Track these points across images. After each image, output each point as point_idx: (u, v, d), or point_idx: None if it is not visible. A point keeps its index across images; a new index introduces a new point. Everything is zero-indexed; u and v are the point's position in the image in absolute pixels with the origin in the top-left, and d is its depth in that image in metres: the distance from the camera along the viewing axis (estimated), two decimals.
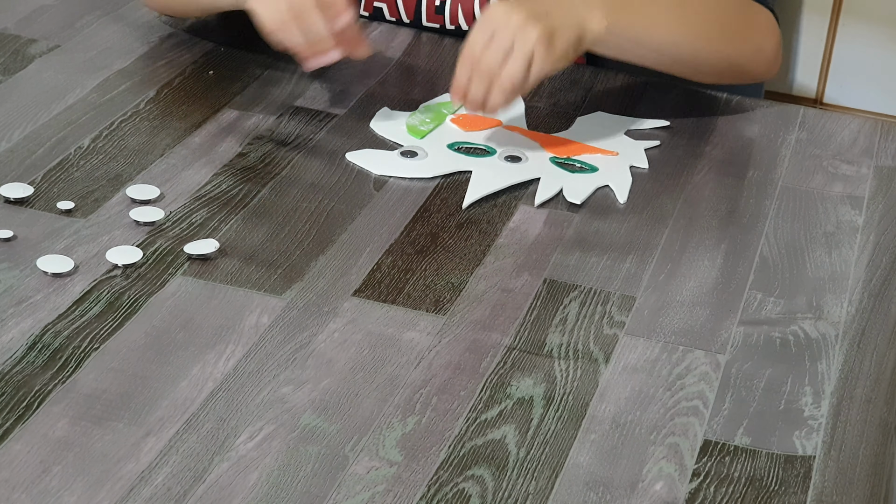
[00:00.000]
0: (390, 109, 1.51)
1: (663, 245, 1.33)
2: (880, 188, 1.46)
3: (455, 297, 1.23)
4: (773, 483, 1.05)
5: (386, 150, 1.43)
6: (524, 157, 1.44)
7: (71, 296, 1.18)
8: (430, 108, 1.51)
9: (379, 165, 1.41)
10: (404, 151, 1.43)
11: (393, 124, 1.48)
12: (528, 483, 1.03)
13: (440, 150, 1.44)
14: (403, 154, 1.42)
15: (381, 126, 1.48)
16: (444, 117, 1.49)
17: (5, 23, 1.66)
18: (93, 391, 1.08)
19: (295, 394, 1.09)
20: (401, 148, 1.44)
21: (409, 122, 1.48)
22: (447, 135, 1.47)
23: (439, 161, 1.42)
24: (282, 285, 1.22)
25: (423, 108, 1.51)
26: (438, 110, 1.50)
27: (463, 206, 1.35)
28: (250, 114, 1.50)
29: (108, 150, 1.41)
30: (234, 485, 1.00)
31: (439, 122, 1.47)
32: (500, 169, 1.42)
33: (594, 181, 1.41)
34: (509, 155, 1.44)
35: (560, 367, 1.15)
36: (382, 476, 1.02)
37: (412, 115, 1.49)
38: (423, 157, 1.41)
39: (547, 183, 1.40)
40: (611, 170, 1.44)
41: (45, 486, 0.98)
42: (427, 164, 1.41)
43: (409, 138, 1.46)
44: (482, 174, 1.40)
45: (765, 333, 1.22)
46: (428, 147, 1.44)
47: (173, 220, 1.30)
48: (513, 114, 1.52)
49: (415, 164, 1.41)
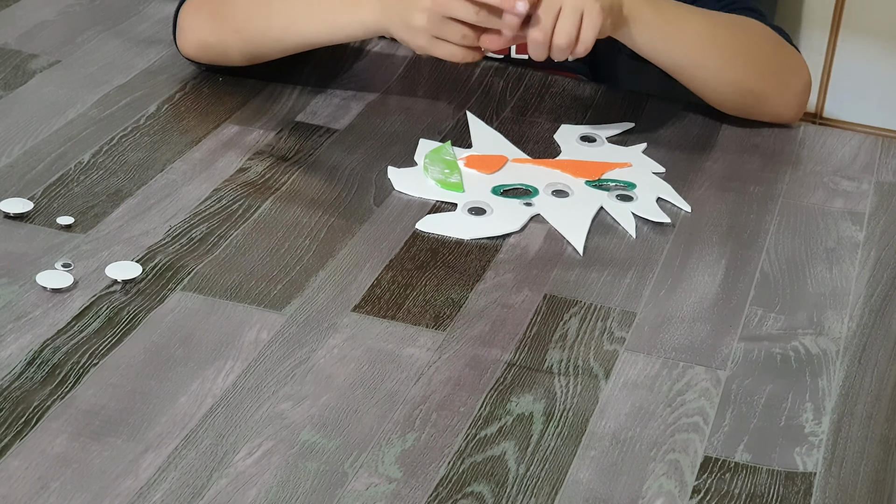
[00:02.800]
0: (395, 168, 1.45)
1: (664, 260, 1.33)
2: (881, 204, 1.46)
3: (455, 312, 1.23)
4: (774, 500, 1.05)
5: (450, 213, 1.38)
6: (569, 189, 1.43)
7: (70, 311, 1.18)
8: (435, 158, 1.46)
9: (457, 230, 1.35)
10: (471, 209, 1.38)
11: (417, 182, 1.42)
12: (528, 499, 1.02)
13: (494, 199, 1.40)
14: (471, 212, 1.38)
15: (409, 186, 1.42)
16: (455, 164, 1.46)
17: (6, 38, 1.66)
18: (92, 407, 1.07)
19: (294, 410, 1.09)
20: (458, 205, 1.39)
21: (435, 176, 1.42)
22: (479, 180, 1.44)
23: (509, 213, 1.38)
24: (281, 301, 1.22)
25: (430, 160, 1.45)
26: (442, 158, 1.46)
27: (581, 253, 1.33)
28: (251, 129, 1.50)
29: (109, 166, 1.41)
30: (233, 501, 1.00)
31: (456, 168, 1.45)
32: (565, 205, 1.40)
33: (654, 194, 1.43)
34: (555, 190, 1.43)
35: (560, 382, 1.15)
36: (381, 492, 1.02)
37: (430, 170, 1.44)
38: (491, 213, 1.38)
39: (612, 207, 1.40)
40: (645, 180, 1.45)
41: (43, 503, 0.98)
42: (503, 219, 1.37)
43: (446, 193, 1.41)
44: (560, 215, 1.38)
45: (765, 349, 1.22)
46: (479, 198, 1.40)
47: (173, 236, 1.30)
48: (502, 145, 1.51)
49: (492, 221, 1.36)
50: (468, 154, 1.48)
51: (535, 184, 1.43)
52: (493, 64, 1.68)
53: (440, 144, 1.49)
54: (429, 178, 1.43)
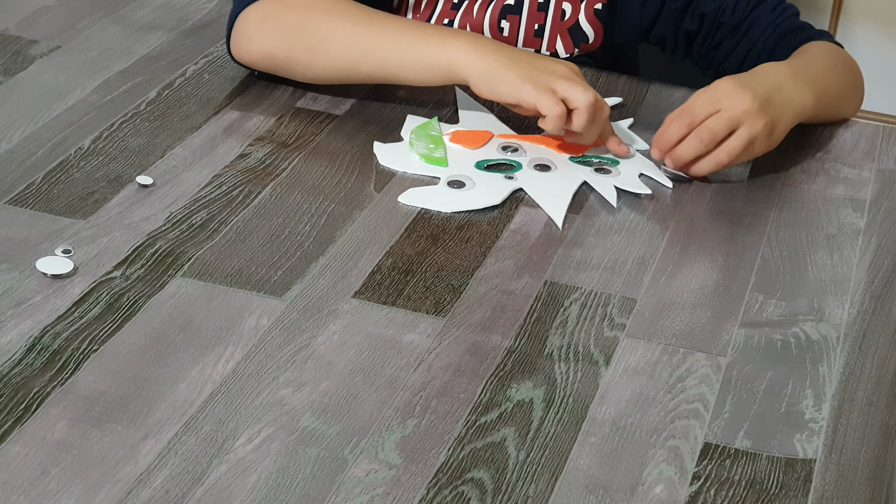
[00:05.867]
0: (382, 143, 1.45)
1: (664, 247, 1.33)
2: (882, 191, 1.46)
3: (455, 298, 1.23)
4: (774, 486, 1.05)
5: (429, 186, 1.39)
6: (552, 164, 1.43)
7: (70, 297, 1.18)
8: (421, 133, 1.46)
9: (438, 202, 1.36)
10: (451, 182, 1.39)
11: (402, 157, 1.43)
12: (528, 486, 1.02)
13: (476, 173, 1.41)
14: (451, 185, 1.38)
15: (393, 161, 1.42)
16: (441, 139, 1.46)
17: (6, 24, 1.66)
18: (92, 393, 1.07)
19: (294, 396, 1.09)
20: (440, 179, 1.40)
21: (420, 151, 1.43)
22: (463, 156, 1.44)
23: (490, 187, 1.39)
24: (282, 287, 1.22)
25: (416, 135, 1.46)
26: (428, 133, 1.47)
27: (560, 227, 1.34)
28: (251, 115, 1.50)
29: (109, 152, 1.41)
30: (233, 487, 1.00)
31: (441, 143, 1.45)
32: (547, 179, 1.41)
33: (637, 169, 1.43)
34: (538, 164, 1.43)
35: (560, 369, 1.15)
36: (381, 479, 1.02)
37: (415, 144, 1.44)
38: (472, 186, 1.38)
39: (594, 181, 1.41)
40: (627, 160, 1.46)
41: (43, 489, 0.98)
42: (484, 193, 1.38)
43: (429, 167, 1.42)
44: (542, 190, 1.39)
45: (766, 336, 1.21)
46: (462, 172, 1.41)
47: (174, 222, 1.30)
48: (489, 122, 1.51)
49: (472, 194, 1.37)
50: (454, 129, 1.48)
51: (518, 158, 1.44)
52: None
53: (427, 120, 1.49)
54: (413, 153, 1.43)
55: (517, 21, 1.65)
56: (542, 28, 1.65)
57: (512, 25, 1.66)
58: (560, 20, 1.65)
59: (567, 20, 1.65)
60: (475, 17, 1.66)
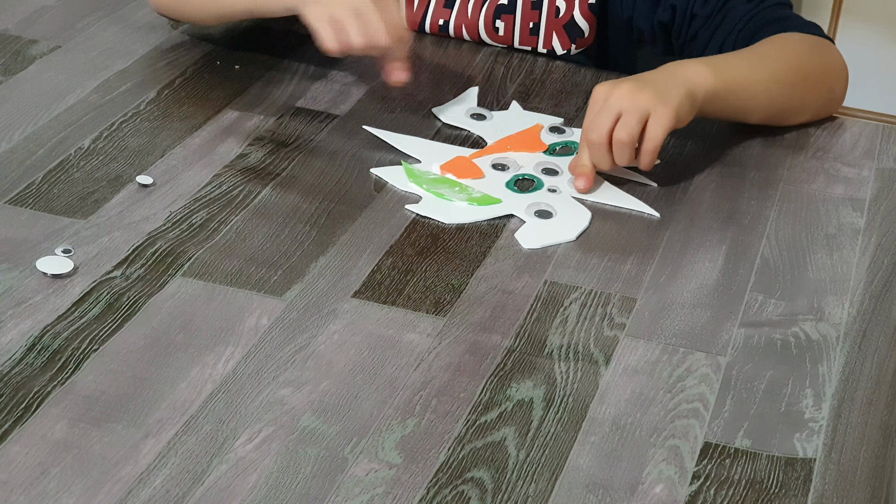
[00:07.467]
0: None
1: (664, 246, 1.33)
2: (882, 190, 1.46)
3: (455, 298, 1.23)
4: (774, 486, 1.05)
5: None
6: (552, 210, 1.38)
7: (70, 297, 1.18)
8: (424, 180, 1.40)
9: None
10: (538, 213, 1.36)
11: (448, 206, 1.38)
12: (528, 485, 1.03)
13: (536, 197, 1.39)
14: (538, 215, 1.36)
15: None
16: (447, 178, 1.40)
17: (6, 23, 1.66)
18: (92, 393, 1.08)
19: (294, 395, 1.09)
20: (516, 213, 1.36)
21: (460, 198, 1.37)
22: (493, 181, 1.41)
23: (565, 208, 1.38)
24: (282, 286, 1.22)
25: (428, 186, 1.39)
26: (429, 178, 1.40)
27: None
28: (251, 114, 1.50)
29: (109, 151, 1.41)
30: (233, 487, 1.00)
31: (456, 182, 1.40)
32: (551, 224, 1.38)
33: None
34: (545, 168, 1.43)
35: (560, 368, 1.15)
36: (381, 478, 1.02)
37: (446, 194, 1.37)
38: (555, 214, 1.36)
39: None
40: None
41: (43, 489, 0.98)
42: (568, 219, 1.36)
43: (484, 209, 1.36)
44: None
45: (766, 335, 1.22)
46: (527, 200, 1.38)
47: (173, 221, 1.30)
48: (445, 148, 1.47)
49: (557, 223, 1.35)
50: (438, 165, 1.43)
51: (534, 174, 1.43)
52: (494, 50, 1.68)
53: (401, 166, 1.42)
54: (456, 202, 1.37)
55: (512, 20, 1.65)
56: (537, 26, 1.65)
57: (507, 25, 1.66)
58: (555, 17, 1.65)
59: (562, 17, 1.65)
60: (469, 17, 1.67)
